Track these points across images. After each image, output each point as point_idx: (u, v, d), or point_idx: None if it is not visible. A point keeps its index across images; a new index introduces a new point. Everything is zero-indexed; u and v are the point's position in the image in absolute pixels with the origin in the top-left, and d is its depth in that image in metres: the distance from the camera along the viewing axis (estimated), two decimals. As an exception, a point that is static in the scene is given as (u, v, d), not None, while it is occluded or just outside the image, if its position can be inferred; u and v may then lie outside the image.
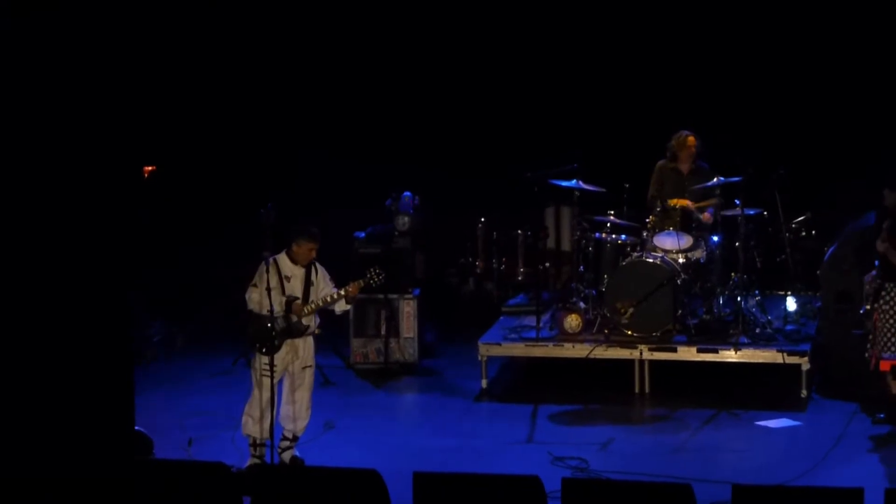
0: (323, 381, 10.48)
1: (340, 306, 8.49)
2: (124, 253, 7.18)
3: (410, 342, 11.23)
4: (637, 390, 10.19)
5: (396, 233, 11.46)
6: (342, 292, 8.35)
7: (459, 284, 13.28)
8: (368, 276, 8.36)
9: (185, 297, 12.51)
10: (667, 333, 10.26)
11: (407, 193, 11.59)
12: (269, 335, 8.19)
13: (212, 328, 12.13)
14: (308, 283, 8.39)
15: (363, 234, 11.47)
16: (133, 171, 9.08)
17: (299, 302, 8.31)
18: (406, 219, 11.49)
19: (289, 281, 8.35)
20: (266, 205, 8.36)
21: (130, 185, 7.67)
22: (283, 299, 8.29)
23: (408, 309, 11.23)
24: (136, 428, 8.01)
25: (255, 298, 8.29)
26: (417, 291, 11.38)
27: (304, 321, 8.35)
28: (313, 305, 8.35)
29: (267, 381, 8.18)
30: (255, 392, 8.36)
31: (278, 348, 8.27)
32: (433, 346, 11.73)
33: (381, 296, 11.02)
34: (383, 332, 11.16)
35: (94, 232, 7.04)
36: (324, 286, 8.46)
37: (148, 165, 11.20)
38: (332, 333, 10.71)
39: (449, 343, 11.88)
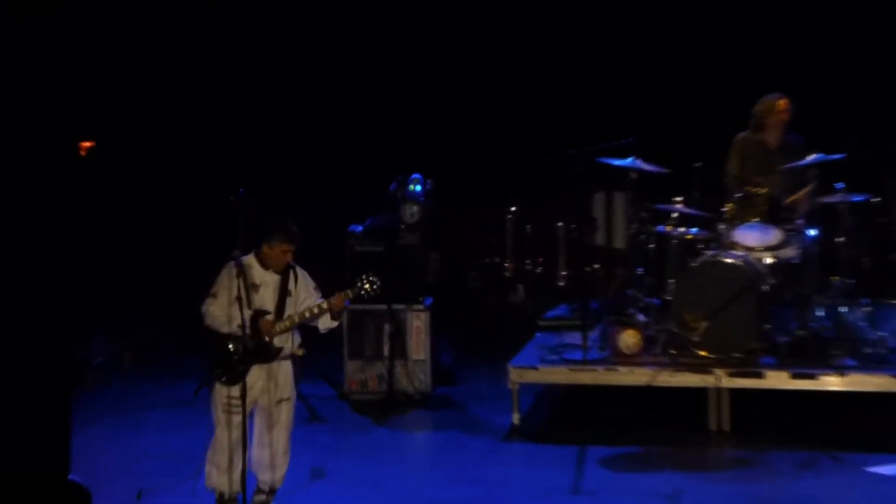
0: (309, 416, 10.52)
1: (325, 322, 8.35)
2: (61, 252, 7.27)
3: (421, 366, 11.30)
4: (713, 427, 10.23)
5: (403, 226, 11.58)
6: (324, 305, 8.24)
7: (484, 291, 13.31)
8: (359, 283, 8.23)
9: (133, 306, 12.66)
10: (750, 354, 10.22)
11: (416, 175, 11.60)
12: (230, 360, 8.05)
13: (167, 345, 12.15)
14: (283, 293, 8.27)
15: (360, 228, 11.37)
16: (71, 157, 9.25)
17: (270, 318, 8.20)
18: (415, 208, 11.58)
19: (257, 290, 8.23)
20: (238, 190, 8.28)
21: (66, 172, 7.82)
22: (251, 313, 8.18)
23: (417, 323, 11.31)
24: (70, 476, 7.89)
25: (215, 312, 8.18)
26: (430, 301, 11.46)
27: (277, 341, 8.22)
28: (289, 322, 8.21)
29: (236, 418, 8.08)
30: (218, 433, 8.25)
31: (244, 376, 8.10)
32: (450, 371, 11.89)
33: (383, 306, 10.98)
34: (386, 353, 11.21)
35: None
36: (305, 296, 8.36)
37: (86, 141, 11.23)
38: (321, 355, 10.76)
39: (470, 367, 12.10)
